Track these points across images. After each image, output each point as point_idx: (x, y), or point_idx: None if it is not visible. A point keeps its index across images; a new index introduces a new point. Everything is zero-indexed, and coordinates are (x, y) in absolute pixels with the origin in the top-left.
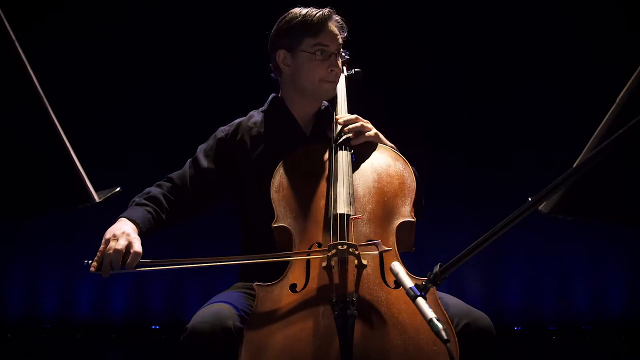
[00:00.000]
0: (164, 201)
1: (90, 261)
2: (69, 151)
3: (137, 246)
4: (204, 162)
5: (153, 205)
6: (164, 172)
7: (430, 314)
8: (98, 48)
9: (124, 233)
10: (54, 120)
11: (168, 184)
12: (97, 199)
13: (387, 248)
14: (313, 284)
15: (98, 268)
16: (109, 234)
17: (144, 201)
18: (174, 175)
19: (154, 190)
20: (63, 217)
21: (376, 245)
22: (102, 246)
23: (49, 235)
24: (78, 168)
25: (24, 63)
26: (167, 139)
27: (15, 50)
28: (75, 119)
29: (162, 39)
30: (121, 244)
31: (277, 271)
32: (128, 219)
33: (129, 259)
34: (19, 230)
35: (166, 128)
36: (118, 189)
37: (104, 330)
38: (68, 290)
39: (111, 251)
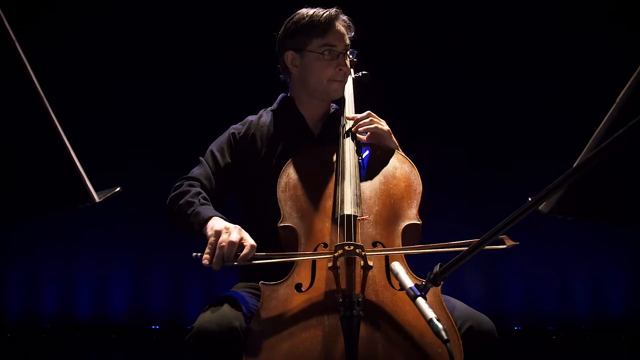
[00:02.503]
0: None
1: (199, 254)
2: (69, 151)
3: (251, 240)
4: (222, 159)
5: (212, 206)
6: (163, 171)
7: (431, 314)
8: (98, 48)
9: (235, 227)
10: (53, 120)
11: (198, 183)
12: (97, 199)
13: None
14: (319, 284)
15: (210, 260)
16: (219, 227)
17: (205, 201)
18: (198, 175)
19: (202, 191)
20: (63, 217)
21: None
22: (212, 239)
23: (49, 235)
24: (78, 168)
25: (24, 62)
26: (168, 139)
27: (14, 50)
28: (75, 118)
29: (162, 39)
30: (235, 236)
31: (279, 271)
32: (221, 217)
33: (244, 252)
34: (19, 230)
35: (166, 128)
36: (118, 189)
37: (104, 330)
38: (68, 290)
39: (224, 244)
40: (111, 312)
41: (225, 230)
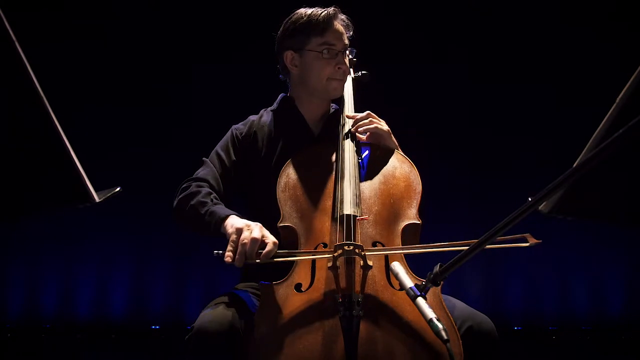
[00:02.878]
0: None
1: (220, 252)
2: (69, 151)
3: (273, 237)
4: (228, 158)
5: (224, 205)
6: (163, 171)
7: (431, 314)
8: (98, 48)
9: (257, 224)
10: (53, 120)
11: (206, 184)
12: (97, 199)
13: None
14: (318, 284)
15: (233, 258)
16: (239, 224)
17: (217, 201)
18: (205, 175)
19: (212, 191)
20: (63, 217)
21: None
22: (233, 236)
23: (49, 235)
24: (78, 168)
25: (24, 62)
26: (168, 139)
27: (14, 49)
28: (75, 118)
29: (162, 39)
30: (257, 233)
31: (280, 271)
32: (238, 215)
33: (267, 249)
34: (19, 230)
35: (166, 128)
36: (118, 189)
37: (104, 330)
38: (68, 290)
39: (247, 241)
40: (111, 312)
41: (246, 227)
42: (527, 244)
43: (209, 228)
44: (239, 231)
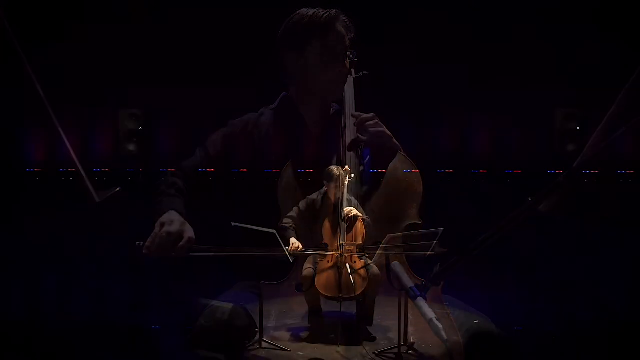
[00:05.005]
0: (186, 193)
1: (142, 243)
2: (70, 151)
3: (191, 233)
4: (213, 151)
5: (182, 198)
6: (163, 172)
7: (431, 314)
8: (98, 48)
9: (179, 220)
10: (54, 120)
11: (182, 174)
12: (97, 199)
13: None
14: (319, 283)
15: (149, 250)
16: (165, 219)
17: (175, 193)
18: (186, 166)
19: (178, 182)
20: (63, 217)
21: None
22: (156, 229)
23: (49, 235)
24: (79, 168)
25: (25, 63)
26: (167, 139)
27: (14, 49)
28: (75, 118)
29: (162, 39)
30: (174, 228)
31: (280, 271)
32: (177, 210)
33: (182, 243)
34: (19, 231)
35: (166, 128)
36: (118, 189)
37: (104, 330)
38: (68, 290)
39: (164, 234)
40: (111, 312)
41: (169, 222)
42: (433, 253)
43: (155, 218)
44: (162, 225)
